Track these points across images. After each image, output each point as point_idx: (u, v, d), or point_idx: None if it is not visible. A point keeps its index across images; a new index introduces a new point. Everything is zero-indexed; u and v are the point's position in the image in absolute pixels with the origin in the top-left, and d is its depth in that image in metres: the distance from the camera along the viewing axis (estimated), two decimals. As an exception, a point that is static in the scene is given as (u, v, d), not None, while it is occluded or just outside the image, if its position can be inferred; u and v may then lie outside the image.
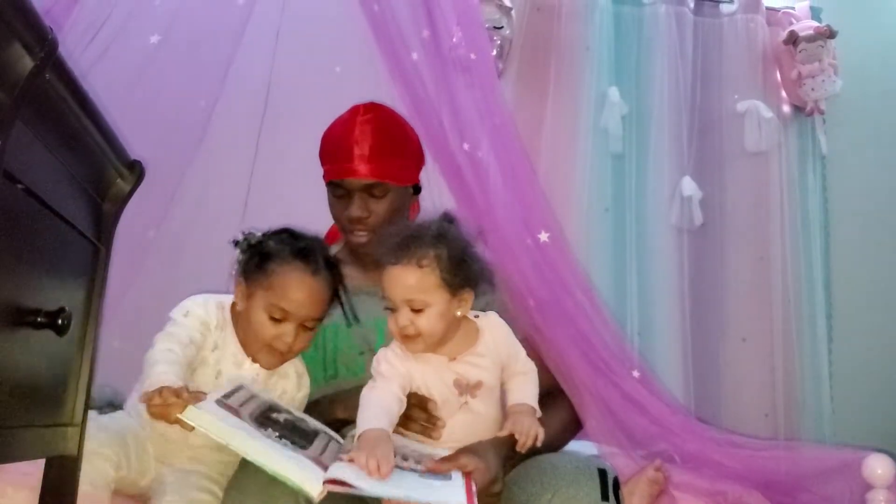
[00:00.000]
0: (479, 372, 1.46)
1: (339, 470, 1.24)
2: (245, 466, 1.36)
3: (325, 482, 1.21)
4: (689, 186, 2.88)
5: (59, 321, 0.96)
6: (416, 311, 1.42)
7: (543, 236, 1.72)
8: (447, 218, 1.53)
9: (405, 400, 1.43)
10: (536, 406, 1.47)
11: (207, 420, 1.27)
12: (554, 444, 1.56)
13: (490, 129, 1.83)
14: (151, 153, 1.48)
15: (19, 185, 0.88)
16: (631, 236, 2.87)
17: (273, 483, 1.26)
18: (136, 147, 1.33)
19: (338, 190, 1.72)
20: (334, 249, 1.78)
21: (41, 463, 1.19)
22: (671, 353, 2.78)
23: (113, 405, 1.74)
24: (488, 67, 1.92)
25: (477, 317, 1.53)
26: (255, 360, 1.57)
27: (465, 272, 1.44)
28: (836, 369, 2.97)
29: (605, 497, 1.33)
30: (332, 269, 1.60)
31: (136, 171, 1.25)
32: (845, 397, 2.96)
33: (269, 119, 2.56)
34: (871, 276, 3.11)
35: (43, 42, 0.82)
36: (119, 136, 1.22)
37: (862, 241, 3.12)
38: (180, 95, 2.26)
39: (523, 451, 1.39)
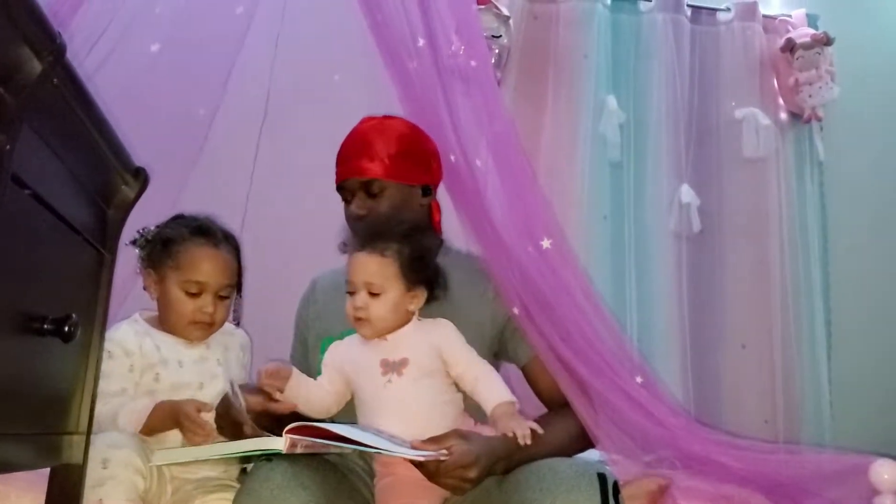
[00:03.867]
0: (404, 350, 1.53)
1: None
2: (254, 473, 1.37)
3: (286, 431, 1.26)
4: (687, 193, 2.89)
5: (66, 328, 0.96)
6: (374, 294, 1.52)
7: (546, 243, 1.72)
8: (420, 226, 1.66)
9: (339, 386, 1.57)
10: (512, 397, 1.51)
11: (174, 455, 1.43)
12: (560, 455, 1.53)
13: (490, 136, 1.83)
14: (152, 160, 1.48)
15: (27, 191, 0.87)
16: (630, 243, 2.87)
17: (284, 487, 1.29)
18: (136, 154, 1.33)
19: (343, 193, 1.77)
20: None
21: (45, 469, 1.18)
22: (670, 360, 2.78)
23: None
24: (488, 76, 1.92)
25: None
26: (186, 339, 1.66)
27: (421, 271, 1.56)
28: (836, 375, 2.97)
29: (605, 502, 1.32)
30: (232, 240, 1.72)
31: (140, 177, 1.25)
32: (845, 403, 2.96)
33: (268, 126, 2.57)
34: (870, 282, 3.11)
35: (51, 45, 0.82)
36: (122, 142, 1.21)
37: (860, 247, 3.12)
38: (180, 103, 2.26)
39: (527, 443, 1.42)
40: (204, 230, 1.67)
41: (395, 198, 1.73)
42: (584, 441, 1.63)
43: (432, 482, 1.39)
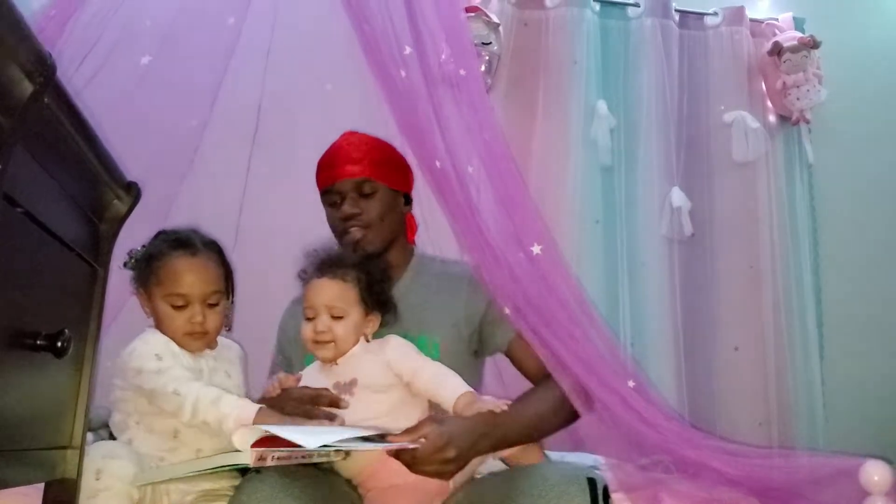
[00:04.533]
0: (353, 371, 1.57)
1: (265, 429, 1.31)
2: (243, 485, 1.37)
3: (252, 445, 1.26)
4: (678, 197, 2.91)
5: (59, 343, 0.96)
6: (336, 318, 1.57)
7: (536, 249, 1.73)
8: (372, 254, 1.75)
9: None
10: (469, 388, 1.54)
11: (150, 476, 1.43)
12: (544, 426, 1.62)
13: (480, 144, 1.84)
14: (143, 173, 1.49)
15: (19, 209, 0.88)
16: (622, 247, 2.88)
17: (273, 498, 1.30)
18: (127, 167, 1.34)
19: (331, 196, 1.81)
20: None
21: (41, 485, 1.19)
22: (664, 363, 2.79)
23: (108, 426, 1.75)
24: (477, 83, 1.93)
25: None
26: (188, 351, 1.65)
27: (377, 297, 1.63)
28: (828, 377, 2.99)
29: None
30: (213, 246, 1.70)
31: (132, 192, 1.26)
32: (838, 405, 2.97)
33: (260, 137, 2.57)
34: (861, 283, 3.14)
35: (42, 67, 0.83)
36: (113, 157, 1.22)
37: (850, 248, 3.15)
38: (171, 115, 2.26)
39: (504, 409, 1.50)
40: (182, 241, 1.65)
41: (385, 200, 1.80)
42: (568, 411, 1.65)
43: (414, 472, 1.41)
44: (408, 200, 1.90)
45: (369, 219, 1.78)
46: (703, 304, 2.95)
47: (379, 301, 1.64)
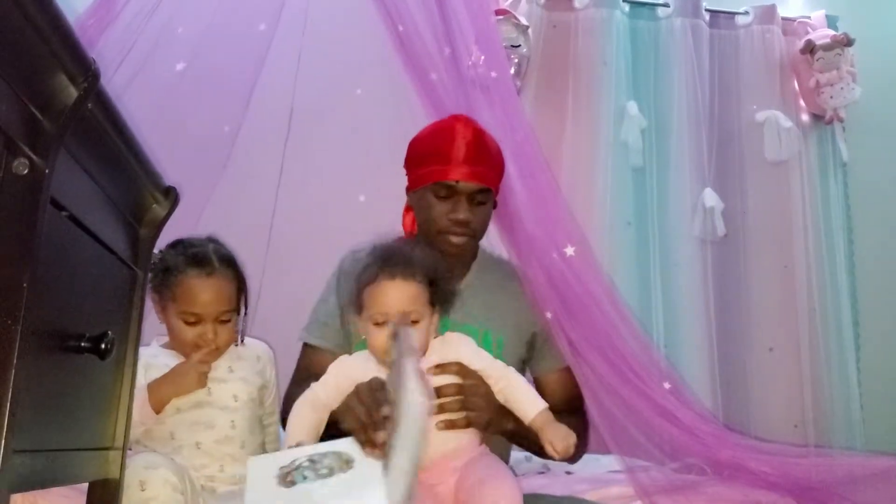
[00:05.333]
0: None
1: None
2: None
3: None
4: (710, 198, 2.89)
5: (103, 345, 0.98)
6: (413, 322, 1.46)
7: (569, 250, 1.74)
8: (413, 242, 1.63)
9: (332, 406, 1.49)
10: (545, 403, 1.49)
11: None
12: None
13: (512, 145, 1.84)
14: (177, 178, 1.51)
15: (64, 213, 0.89)
16: (654, 249, 2.87)
17: None
18: (162, 171, 1.35)
19: (442, 191, 1.69)
20: None
21: (82, 486, 1.20)
22: (698, 365, 2.77)
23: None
24: (508, 85, 1.94)
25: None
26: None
27: (441, 293, 1.53)
28: (865, 377, 2.95)
29: None
30: (229, 262, 1.70)
31: (170, 196, 1.27)
32: (875, 405, 2.94)
33: (292, 141, 2.59)
34: (897, 282, 3.09)
35: (86, 73, 0.84)
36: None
37: (886, 247, 3.10)
38: (205, 121, 2.30)
39: (558, 458, 1.43)
40: (199, 259, 1.65)
41: (490, 209, 1.75)
42: (583, 446, 1.65)
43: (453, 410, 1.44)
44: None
45: (476, 228, 1.71)
46: (736, 305, 2.92)
47: (442, 297, 1.53)
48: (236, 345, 1.73)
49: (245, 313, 1.75)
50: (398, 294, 1.47)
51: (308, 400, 1.50)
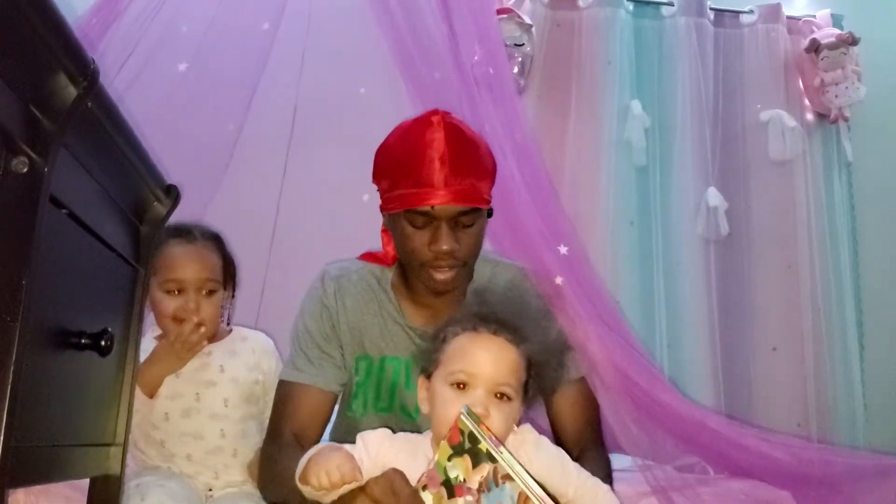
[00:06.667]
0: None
1: None
2: None
3: None
4: (714, 197, 2.89)
5: (103, 342, 0.98)
6: (502, 397, 1.16)
7: (563, 249, 1.73)
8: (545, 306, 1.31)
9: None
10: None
11: None
12: None
13: (512, 145, 1.85)
14: (181, 176, 1.51)
15: (63, 210, 0.90)
16: (657, 248, 2.87)
17: None
18: (165, 170, 1.36)
19: (419, 219, 1.44)
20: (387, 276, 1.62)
21: (82, 485, 1.21)
22: (701, 365, 2.77)
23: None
24: (509, 84, 1.94)
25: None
26: None
27: (546, 380, 1.23)
28: (869, 377, 2.94)
29: None
30: (213, 237, 1.69)
31: (172, 194, 1.28)
32: (879, 405, 2.93)
33: (295, 141, 2.59)
34: (902, 282, 3.08)
35: (86, 72, 0.85)
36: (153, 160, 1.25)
37: (890, 247, 3.10)
38: (208, 120, 2.30)
39: None
40: (179, 230, 1.64)
41: (481, 229, 1.49)
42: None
43: None
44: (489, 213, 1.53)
45: (465, 256, 1.47)
46: (740, 305, 2.92)
47: (540, 386, 1.22)
48: (229, 327, 1.71)
49: (233, 296, 1.73)
50: (496, 356, 1.17)
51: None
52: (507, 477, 1.05)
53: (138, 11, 2.12)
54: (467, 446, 1.08)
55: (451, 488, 1.09)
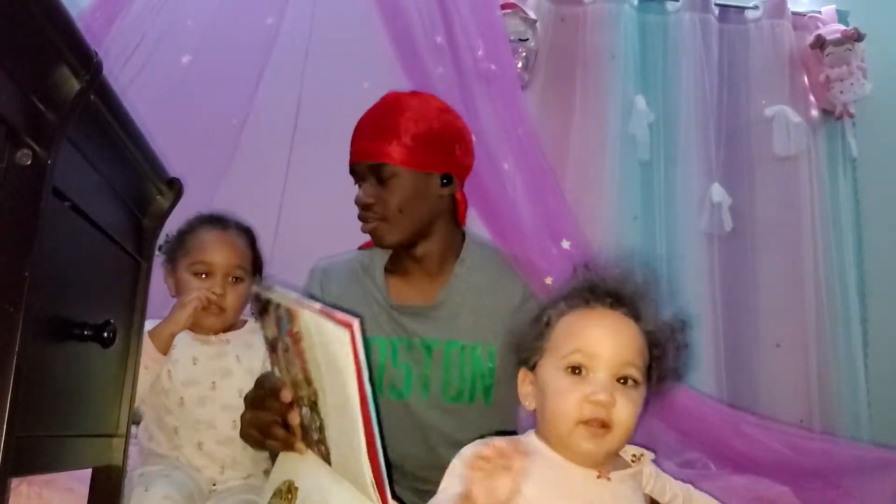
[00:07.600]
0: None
1: None
2: None
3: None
4: (718, 192, 2.88)
5: (105, 334, 0.99)
6: (627, 381, 1.01)
7: (565, 244, 1.73)
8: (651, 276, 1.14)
9: None
10: None
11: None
12: None
13: (514, 140, 1.85)
14: (184, 170, 1.52)
15: (66, 203, 0.91)
16: (661, 243, 2.86)
17: None
18: (169, 163, 1.37)
19: (355, 177, 1.61)
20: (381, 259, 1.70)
21: (85, 477, 1.22)
22: (704, 360, 2.77)
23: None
24: (511, 79, 1.94)
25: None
26: (198, 332, 1.66)
27: (663, 371, 1.07)
28: (872, 373, 2.94)
29: None
30: (245, 230, 1.73)
31: (174, 188, 1.29)
32: (882, 401, 2.92)
33: (299, 135, 2.60)
34: (906, 278, 3.08)
35: (88, 65, 0.85)
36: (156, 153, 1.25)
37: (895, 244, 3.08)
38: (212, 113, 2.31)
39: None
40: (214, 218, 1.70)
41: (406, 187, 1.55)
42: None
43: None
44: (449, 180, 1.60)
45: (385, 210, 1.56)
46: (743, 301, 2.92)
47: (661, 380, 1.07)
48: (255, 318, 1.67)
49: None
50: (615, 333, 1.02)
51: None
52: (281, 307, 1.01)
53: (142, 5, 2.13)
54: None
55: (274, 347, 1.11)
